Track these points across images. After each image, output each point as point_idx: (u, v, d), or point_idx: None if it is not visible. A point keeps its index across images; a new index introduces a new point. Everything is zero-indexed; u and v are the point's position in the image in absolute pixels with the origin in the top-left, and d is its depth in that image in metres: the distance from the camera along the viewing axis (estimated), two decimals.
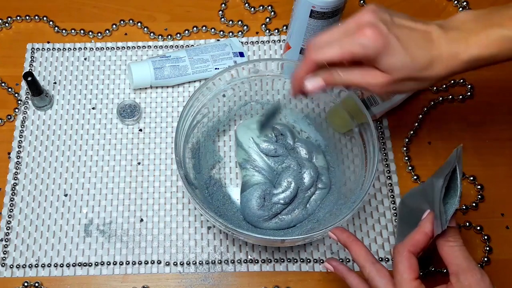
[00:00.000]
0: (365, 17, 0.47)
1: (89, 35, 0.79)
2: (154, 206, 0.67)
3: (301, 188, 0.63)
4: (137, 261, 0.64)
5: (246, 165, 0.65)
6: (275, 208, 0.62)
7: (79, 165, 0.69)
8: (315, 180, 0.64)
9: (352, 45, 0.46)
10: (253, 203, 0.62)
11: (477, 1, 0.80)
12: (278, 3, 0.81)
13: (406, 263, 0.46)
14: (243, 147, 0.66)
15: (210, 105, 0.65)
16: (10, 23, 0.79)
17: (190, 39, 0.79)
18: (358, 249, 0.50)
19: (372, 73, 0.48)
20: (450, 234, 0.46)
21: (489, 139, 0.71)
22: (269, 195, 0.63)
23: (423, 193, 0.50)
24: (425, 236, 0.46)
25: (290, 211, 0.63)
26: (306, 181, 0.63)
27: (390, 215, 0.66)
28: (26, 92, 0.74)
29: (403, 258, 0.46)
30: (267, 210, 0.62)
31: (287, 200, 0.62)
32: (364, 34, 0.46)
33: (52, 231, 0.65)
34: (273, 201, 0.62)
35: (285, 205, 0.62)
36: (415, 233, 0.47)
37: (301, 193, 0.63)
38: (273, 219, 0.63)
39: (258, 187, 0.63)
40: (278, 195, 0.62)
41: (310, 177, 0.63)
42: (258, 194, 0.63)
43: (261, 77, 0.66)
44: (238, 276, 0.63)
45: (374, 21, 0.46)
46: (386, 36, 0.46)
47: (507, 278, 0.63)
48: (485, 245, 0.64)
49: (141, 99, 0.74)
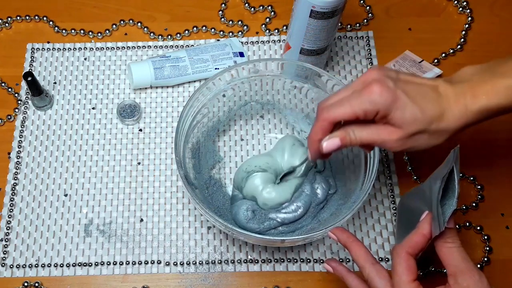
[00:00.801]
0: (371, 75, 0.48)
1: (89, 35, 0.79)
2: (154, 206, 0.67)
3: (315, 203, 0.63)
4: (137, 261, 0.64)
5: (235, 187, 0.65)
6: (269, 222, 0.62)
7: (79, 165, 0.69)
8: (327, 192, 0.64)
9: (362, 103, 0.47)
10: (240, 216, 0.62)
11: (477, 2, 0.81)
12: (278, 3, 0.81)
13: (404, 264, 0.46)
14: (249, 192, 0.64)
15: (210, 105, 0.65)
16: (10, 23, 0.79)
17: (190, 39, 0.79)
18: (358, 250, 0.50)
19: (385, 129, 0.48)
20: (448, 235, 0.46)
21: (489, 139, 0.71)
22: (260, 209, 0.62)
23: (421, 194, 0.50)
24: (423, 237, 0.46)
25: (294, 225, 0.62)
26: (320, 196, 0.63)
27: (390, 215, 0.66)
28: (26, 92, 0.74)
29: (401, 260, 0.46)
30: (257, 223, 0.62)
31: (285, 221, 0.62)
32: (371, 90, 0.47)
33: (52, 231, 0.65)
34: (269, 216, 0.62)
35: (282, 224, 0.62)
36: (413, 235, 0.47)
37: (314, 206, 0.63)
38: (271, 230, 0.62)
39: (246, 200, 0.63)
40: (277, 213, 0.62)
41: (324, 191, 0.63)
42: (245, 207, 0.62)
43: (261, 77, 0.66)
44: (238, 276, 0.63)
45: (380, 78, 0.47)
46: (394, 91, 0.47)
47: (507, 278, 0.63)
48: (485, 245, 0.64)
49: (141, 99, 0.74)
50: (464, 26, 0.79)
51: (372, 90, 0.47)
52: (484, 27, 0.79)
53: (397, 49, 0.76)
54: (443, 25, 0.80)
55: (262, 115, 0.72)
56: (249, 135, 0.71)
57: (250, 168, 0.64)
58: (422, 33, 0.79)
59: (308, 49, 0.68)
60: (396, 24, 0.80)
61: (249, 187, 0.63)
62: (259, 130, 0.72)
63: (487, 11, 0.81)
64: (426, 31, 0.79)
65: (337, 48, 0.78)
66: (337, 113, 0.48)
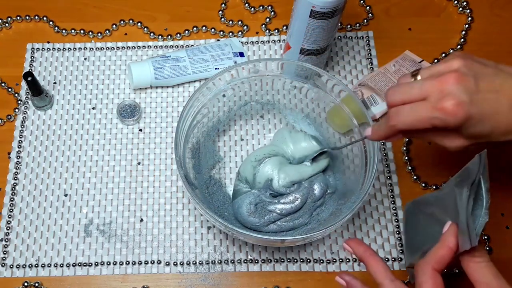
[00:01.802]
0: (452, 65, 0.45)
1: (89, 35, 0.79)
2: (154, 206, 0.67)
3: (311, 199, 0.63)
4: (137, 261, 0.64)
5: (242, 181, 0.65)
6: (269, 216, 0.62)
7: (79, 165, 0.69)
8: (325, 190, 0.64)
9: (432, 119, 0.44)
10: (243, 209, 0.62)
11: (477, 2, 0.80)
12: (278, 3, 0.81)
13: (431, 282, 0.43)
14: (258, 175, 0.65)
15: (210, 105, 0.65)
16: (10, 23, 0.79)
17: (190, 39, 0.79)
18: (375, 265, 0.47)
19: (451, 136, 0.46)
20: (476, 249, 0.43)
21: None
22: (262, 202, 0.63)
23: (440, 201, 0.47)
24: (450, 251, 0.44)
25: (292, 219, 0.63)
26: (316, 193, 0.63)
27: (390, 215, 0.66)
28: (26, 92, 0.74)
29: (428, 278, 0.43)
30: (258, 217, 0.62)
31: (284, 212, 0.62)
32: (444, 109, 0.43)
33: (52, 231, 0.65)
34: (269, 209, 0.62)
35: (281, 216, 0.62)
36: (439, 249, 0.44)
37: (311, 203, 0.63)
38: (270, 225, 0.62)
39: (250, 194, 0.63)
40: (276, 204, 0.62)
41: (321, 188, 0.63)
42: (249, 201, 0.62)
43: (261, 77, 0.66)
44: (238, 276, 0.63)
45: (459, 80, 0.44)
46: (468, 110, 0.43)
47: (507, 278, 0.63)
48: (485, 245, 0.64)
49: (141, 99, 0.74)
50: (464, 26, 0.79)
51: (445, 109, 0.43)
52: (484, 27, 0.79)
53: (397, 49, 0.76)
54: (443, 25, 0.80)
55: (262, 115, 0.72)
56: (249, 135, 0.71)
57: (259, 157, 0.65)
58: (422, 33, 0.79)
59: (308, 49, 0.68)
60: (396, 24, 0.80)
61: (263, 172, 0.64)
62: (259, 130, 0.72)
63: (487, 11, 0.81)
64: (426, 31, 0.79)
65: (337, 48, 0.78)
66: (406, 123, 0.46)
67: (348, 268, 0.63)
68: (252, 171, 0.64)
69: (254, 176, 0.64)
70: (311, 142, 0.66)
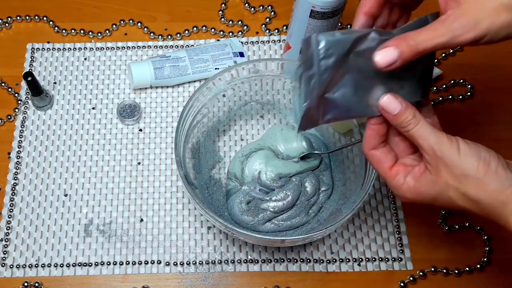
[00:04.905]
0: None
1: (89, 35, 0.79)
2: (154, 206, 0.67)
3: (304, 197, 0.63)
4: (137, 261, 0.64)
5: (231, 178, 0.66)
6: (263, 214, 0.62)
7: (79, 165, 0.69)
8: (317, 188, 0.64)
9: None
10: (235, 209, 0.62)
11: None
12: (278, 3, 0.81)
13: (372, 160, 0.46)
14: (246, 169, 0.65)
15: (210, 105, 0.65)
16: (10, 23, 0.79)
17: (190, 39, 0.79)
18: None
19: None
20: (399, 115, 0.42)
21: (489, 139, 0.71)
22: (254, 199, 0.63)
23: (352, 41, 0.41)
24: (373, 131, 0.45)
25: (290, 218, 0.63)
26: (308, 190, 0.63)
27: (390, 215, 0.66)
28: (26, 92, 0.74)
29: (369, 158, 0.46)
30: (252, 215, 0.62)
31: (277, 210, 0.62)
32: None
33: (52, 231, 0.65)
34: (262, 207, 0.62)
35: (275, 214, 0.62)
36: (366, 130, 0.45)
37: (304, 200, 0.63)
38: (267, 223, 0.63)
39: (239, 193, 0.63)
40: (268, 202, 0.62)
41: (312, 185, 0.63)
42: (239, 200, 0.63)
43: (261, 77, 0.66)
44: (238, 276, 0.63)
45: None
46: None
47: (508, 278, 0.63)
48: (486, 246, 0.64)
49: (141, 99, 0.74)
50: None
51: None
52: None
53: None
54: None
55: (262, 115, 0.72)
56: (249, 135, 0.71)
57: (246, 152, 0.65)
58: None
59: None
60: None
61: (251, 165, 0.64)
62: (259, 130, 0.72)
63: None
64: None
65: None
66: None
67: (348, 268, 0.63)
68: (240, 166, 0.65)
69: (242, 170, 0.65)
70: (302, 144, 0.66)
